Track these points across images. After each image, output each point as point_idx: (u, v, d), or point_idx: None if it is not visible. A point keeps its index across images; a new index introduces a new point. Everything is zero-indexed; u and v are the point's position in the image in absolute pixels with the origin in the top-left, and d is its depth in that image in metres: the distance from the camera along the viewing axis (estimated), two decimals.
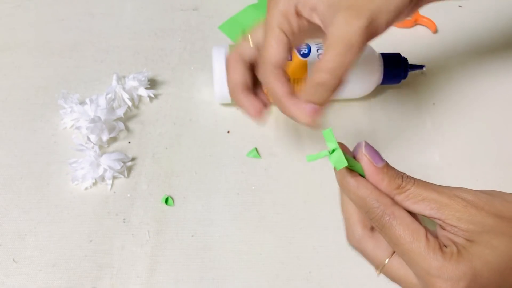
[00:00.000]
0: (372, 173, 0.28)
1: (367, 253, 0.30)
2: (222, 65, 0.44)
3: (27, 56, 0.54)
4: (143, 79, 0.50)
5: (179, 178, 0.45)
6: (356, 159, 0.29)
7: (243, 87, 0.39)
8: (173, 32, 0.57)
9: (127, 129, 0.48)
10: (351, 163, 0.29)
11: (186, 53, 0.55)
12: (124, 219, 0.43)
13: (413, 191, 0.28)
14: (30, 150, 0.47)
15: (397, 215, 0.27)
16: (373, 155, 0.29)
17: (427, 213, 0.27)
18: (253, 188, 0.45)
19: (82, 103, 0.48)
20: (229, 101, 0.48)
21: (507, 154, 0.47)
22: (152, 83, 0.52)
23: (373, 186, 0.28)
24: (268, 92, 0.36)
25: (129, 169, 0.46)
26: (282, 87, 0.34)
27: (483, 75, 0.53)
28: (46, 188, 0.44)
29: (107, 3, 0.60)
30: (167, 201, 0.44)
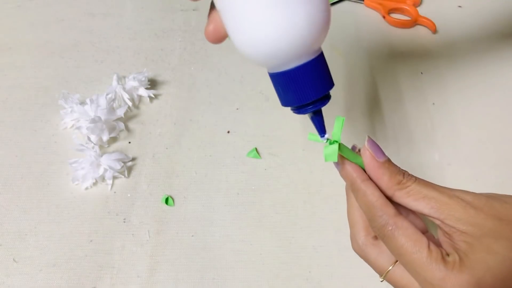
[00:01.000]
0: (373, 167, 0.28)
1: (371, 261, 0.30)
2: None
3: (27, 56, 0.54)
4: (143, 79, 0.50)
5: (179, 178, 0.45)
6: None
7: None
8: (173, 32, 0.57)
9: (127, 129, 0.48)
10: (352, 157, 0.29)
11: (186, 53, 0.55)
12: (125, 219, 0.43)
13: (413, 188, 0.28)
14: (31, 150, 0.47)
15: (400, 225, 0.27)
16: (376, 149, 0.29)
17: (426, 211, 0.27)
18: (253, 188, 0.45)
19: (83, 103, 0.48)
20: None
21: (507, 154, 0.47)
22: (152, 83, 0.52)
23: (380, 193, 0.28)
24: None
25: (129, 169, 0.46)
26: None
27: (483, 75, 0.53)
28: (47, 188, 0.44)
29: (107, 3, 0.60)
30: (167, 201, 0.44)
